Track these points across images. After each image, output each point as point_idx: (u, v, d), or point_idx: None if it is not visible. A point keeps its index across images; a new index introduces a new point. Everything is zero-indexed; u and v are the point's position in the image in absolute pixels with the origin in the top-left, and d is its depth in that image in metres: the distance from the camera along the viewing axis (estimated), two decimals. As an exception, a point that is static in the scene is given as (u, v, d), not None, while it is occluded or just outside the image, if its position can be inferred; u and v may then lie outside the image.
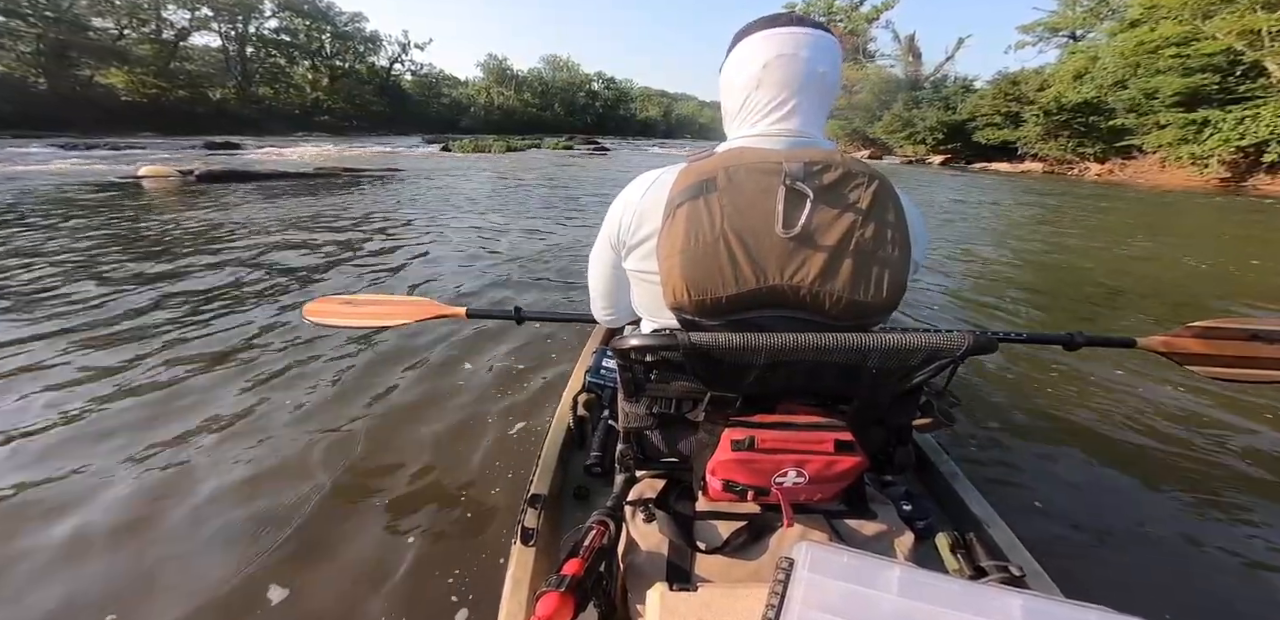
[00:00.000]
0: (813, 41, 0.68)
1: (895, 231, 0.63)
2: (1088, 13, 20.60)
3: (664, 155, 24.08)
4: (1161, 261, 4.83)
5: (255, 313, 2.85)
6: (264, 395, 2.02)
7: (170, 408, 1.92)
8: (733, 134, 0.75)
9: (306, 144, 23.20)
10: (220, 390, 2.05)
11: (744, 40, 0.71)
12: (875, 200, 0.63)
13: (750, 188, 0.63)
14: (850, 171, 0.63)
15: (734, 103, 0.74)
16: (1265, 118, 13.01)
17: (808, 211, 0.61)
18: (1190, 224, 7.57)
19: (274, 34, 42.23)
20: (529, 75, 67.52)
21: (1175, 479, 1.64)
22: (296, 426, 1.83)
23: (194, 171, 9.20)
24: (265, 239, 4.63)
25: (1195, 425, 1.94)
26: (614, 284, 0.85)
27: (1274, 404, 2.05)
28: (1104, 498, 1.55)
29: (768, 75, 0.68)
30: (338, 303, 1.49)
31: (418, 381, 2.17)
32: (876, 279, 0.62)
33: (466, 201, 7.47)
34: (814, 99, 0.70)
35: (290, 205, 6.64)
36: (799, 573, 0.52)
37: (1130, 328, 3.10)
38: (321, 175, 10.42)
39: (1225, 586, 1.26)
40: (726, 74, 0.74)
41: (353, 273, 3.73)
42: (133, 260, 3.85)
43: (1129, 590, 1.24)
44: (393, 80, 52.01)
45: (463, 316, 1.41)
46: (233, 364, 2.26)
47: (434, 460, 1.66)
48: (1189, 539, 1.40)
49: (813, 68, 0.68)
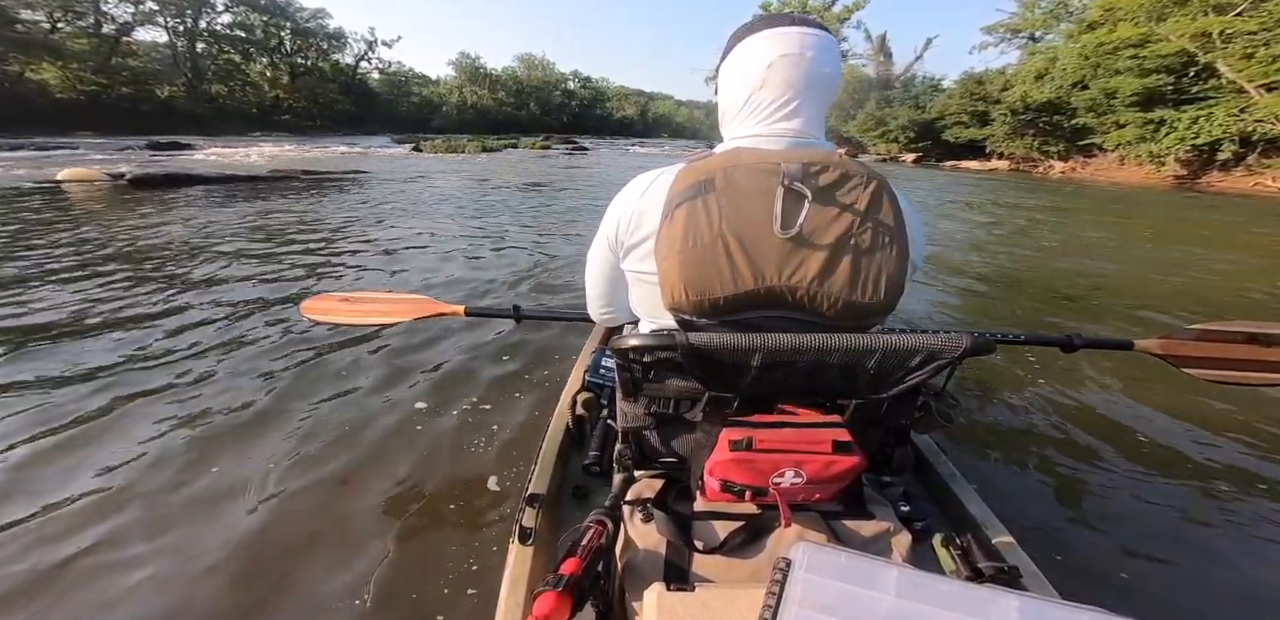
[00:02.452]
0: (816, 41, 0.68)
1: (893, 232, 0.64)
2: (1047, 14, 21.50)
3: (646, 155, 24.09)
4: (1127, 260, 5.01)
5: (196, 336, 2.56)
6: (258, 394, 2.03)
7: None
8: (731, 134, 0.75)
9: (264, 144, 22.36)
10: (209, 388, 2.07)
11: (746, 39, 0.71)
12: (873, 201, 0.64)
13: (749, 188, 0.64)
14: (848, 172, 0.64)
15: (734, 101, 0.74)
16: (1218, 117, 13.81)
17: (806, 212, 0.61)
18: (1155, 221, 7.91)
19: (227, 30, 40.82)
20: (503, 74, 67.02)
21: (1172, 481, 1.66)
22: (290, 425, 1.84)
23: (125, 175, 8.30)
24: (191, 263, 3.84)
25: (1192, 427, 1.95)
26: (611, 284, 0.86)
27: (1272, 406, 2.08)
28: (1101, 500, 1.57)
29: (773, 74, 0.69)
30: (335, 300, 1.51)
31: (415, 380, 2.19)
32: (874, 280, 0.63)
33: (441, 207, 6.94)
34: (817, 98, 0.71)
35: (232, 215, 5.89)
36: (796, 573, 0.53)
37: (1094, 323, 3.23)
38: (276, 178, 9.61)
39: (1223, 588, 1.27)
40: (727, 73, 0.74)
41: (287, 298, 3.11)
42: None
43: (1126, 592, 1.25)
44: (359, 78, 50.99)
45: (461, 315, 1.42)
46: (222, 367, 2.22)
47: (432, 459, 1.68)
48: (1186, 540, 1.42)
49: (817, 67, 0.69)
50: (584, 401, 1.24)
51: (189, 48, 38.59)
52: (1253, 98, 13.26)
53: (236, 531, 1.36)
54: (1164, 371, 1.30)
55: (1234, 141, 13.82)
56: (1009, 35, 23.99)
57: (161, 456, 1.66)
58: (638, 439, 0.79)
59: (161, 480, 1.56)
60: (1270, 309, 3.62)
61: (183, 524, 1.40)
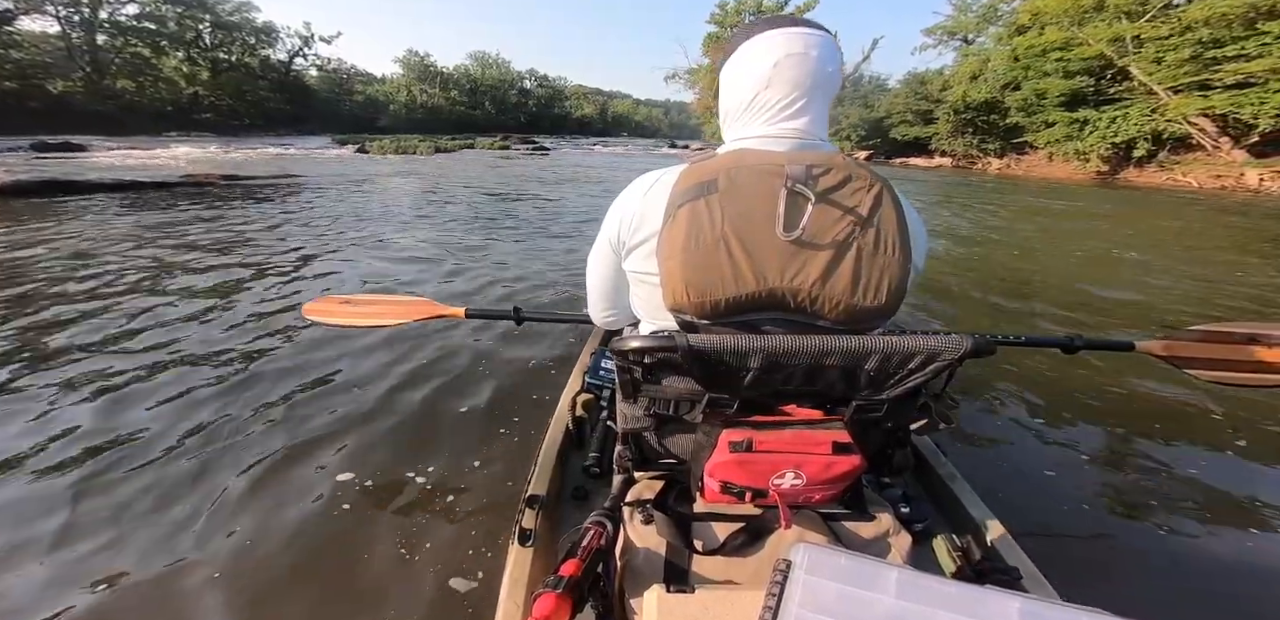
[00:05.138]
0: (820, 41, 0.70)
1: (896, 236, 0.64)
2: (979, 18, 23.00)
3: (611, 154, 24.01)
4: (1055, 254, 5.44)
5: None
6: (253, 396, 2.05)
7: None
8: (735, 134, 0.76)
9: (181, 145, 20.76)
10: (205, 391, 2.07)
11: (751, 39, 0.72)
12: (876, 204, 0.64)
13: (752, 190, 0.64)
14: (852, 175, 0.65)
15: (738, 101, 0.74)
16: (1133, 117, 15.15)
17: (809, 214, 0.62)
18: (1086, 215, 8.62)
19: (133, 21, 37.80)
20: (455, 72, 65.40)
21: (1173, 483, 1.68)
22: (289, 427, 1.86)
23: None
24: (57, 297, 3.11)
25: (1192, 428, 1.97)
26: (613, 285, 0.85)
27: (1272, 407, 2.09)
28: (1101, 501, 1.59)
29: (779, 74, 0.69)
30: (337, 302, 1.56)
31: (414, 382, 2.21)
32: (876, 283, 0.63)
33: (389, 219, 6.02)
34: (822, 97, 0.72)
35: (121, 232, 4.92)
36: (796, 574, 0.53)
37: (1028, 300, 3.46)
38: (188, 184, 8.54)
39: (1222, 591, 1.29)
40: (731, 72, 0.74)
41: (165, 349, 2.46)
42: None
43: (1125, 593, 1.27)
44: (293, 75, 48.32)
45: (462, 316, 1.45)
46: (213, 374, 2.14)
47: (431, 460, 1.70)
48: (1185, 542, 1.43)
49: (822, 66, 0.69)
50: (583, 403, 1.27)
51: (87, 39, 35.48)
52: (1162, 99, 14.64)
53: (230, 532, 1.38)
54: (1163, 372, 1.33)
55: (1148, 140, 15.22)
56: (945, 37, 25.49)
57: (147, 458, 1.65)
58: (637, 440, 0.79)
59: (158, 479, 1.56)
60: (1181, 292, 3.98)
61: (160, 532, 1.39)
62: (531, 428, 1.86)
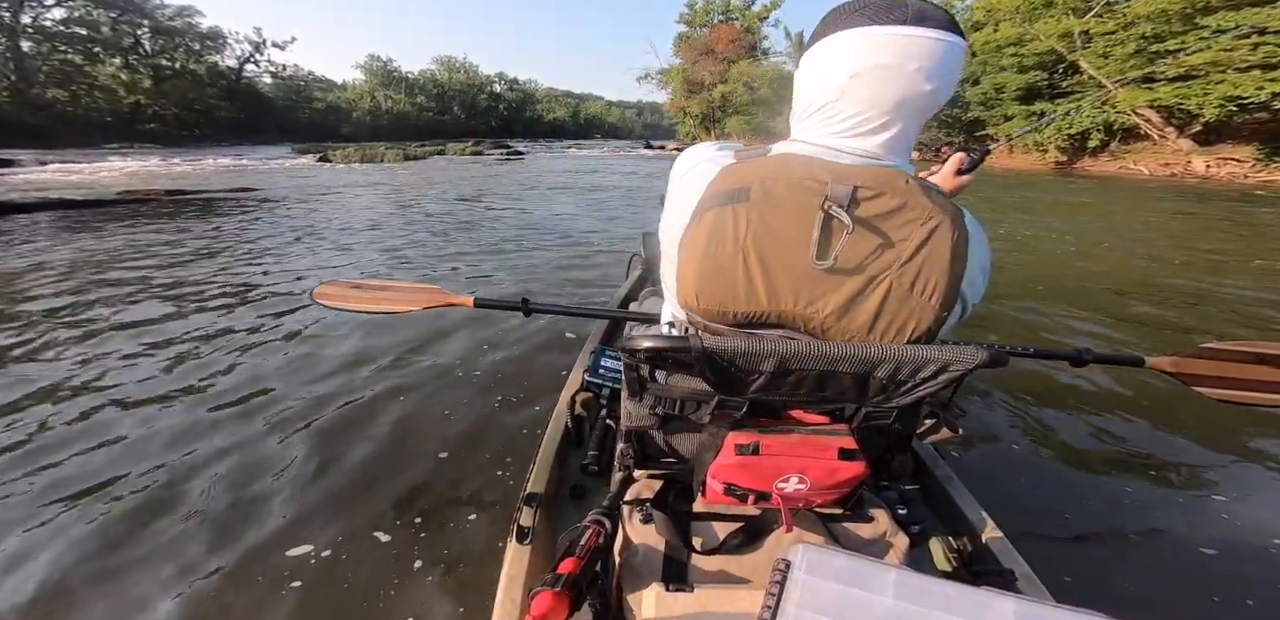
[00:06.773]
0: (928, 49, 0.55)
1: (940, 279, 0.58)
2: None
3: (587, 156, 23.69)
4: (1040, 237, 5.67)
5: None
6: (255, 387, 2.10)
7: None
8: (797, 134, 0.67)
9: (121, 158, 19.48)
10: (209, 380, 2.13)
11: (838, 33, 0.57)
12: (930, 239, 0.57)
13: (784, 205, 0.59)
14: (909, 203, 0.57)
15: (806, 103, 0.64)
16: (1085, 110, 15.89)
17: (842, 242, 0.57)
18: (1046, 204, 9.00)
19: (61, 26, 36.02)
20: (421, 77, 64.29)
21: (1172, 490, 1.71)
22: (288, 420, 1.87)
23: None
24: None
25: (1193, 440, 1.98)
26: None
27: (1273, 420, 2.09)
28: (1098, 506, 1.62)
29: (856, 89, 0.58)
30: (347, 286, 1.55)
31: (415, 376, 2.25)
32: (899, 327, 0.60)
33: (356, 238, 5.43)
34: (908, 119, 0.60)
35: (57, 256, 4.42)
36: (795, 574, 0.54)
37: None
38: (125, 202, 7.75)
39: (1220, 595, 1.30)
40: (807, 67, 0.62)
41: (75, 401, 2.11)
42: None
43: (1121, 596, 1.29)
44: (245, 82, 46.57)
45: (470, 305, 1.46)
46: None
47: (429, 456, 1.71)
48: (1184, 547, 1.46)
49: (919, 85, 0.56)
50: (583, 401, 1.29)
51: (11, 46, 33.64)
52: (1111, 92, 15.42)
53: (224, 533, 1.39)
54: (1161, 381, 1.35)
55: (1100, 130, 16.03)
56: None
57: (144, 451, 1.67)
58: (640, 439, 0.79)
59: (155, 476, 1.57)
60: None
61: (159, 530, 1.42)
62: (530, 425, 1.89)
